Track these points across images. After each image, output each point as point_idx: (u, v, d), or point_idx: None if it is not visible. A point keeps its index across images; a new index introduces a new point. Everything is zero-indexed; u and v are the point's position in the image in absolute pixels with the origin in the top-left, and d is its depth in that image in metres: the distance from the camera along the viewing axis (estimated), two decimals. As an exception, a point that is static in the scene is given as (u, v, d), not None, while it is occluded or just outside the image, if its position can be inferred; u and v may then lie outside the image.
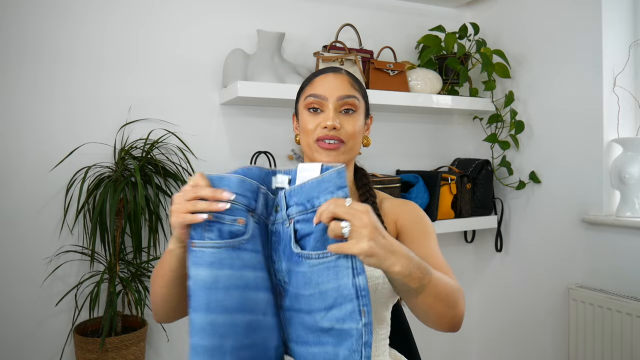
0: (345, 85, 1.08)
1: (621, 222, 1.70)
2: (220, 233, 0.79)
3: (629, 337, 1.63)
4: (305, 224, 0.80)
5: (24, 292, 1.52)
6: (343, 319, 0.77)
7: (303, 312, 0.81)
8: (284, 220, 0.83)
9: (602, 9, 1.76)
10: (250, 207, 0.81)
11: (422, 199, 1.89)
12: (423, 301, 0.85)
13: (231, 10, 1.81)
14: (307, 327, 0.81)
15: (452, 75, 2.04)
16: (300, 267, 0.80)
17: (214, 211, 0.78)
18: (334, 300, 0.78)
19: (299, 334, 0.82)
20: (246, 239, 0.80)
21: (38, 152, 1.53)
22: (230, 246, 0.79)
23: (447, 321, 0.91)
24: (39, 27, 1.54)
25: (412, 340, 1.27)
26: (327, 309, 0.78)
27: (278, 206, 0.83)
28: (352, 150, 1.08)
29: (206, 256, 0.78)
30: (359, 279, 0.77)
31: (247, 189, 0.81)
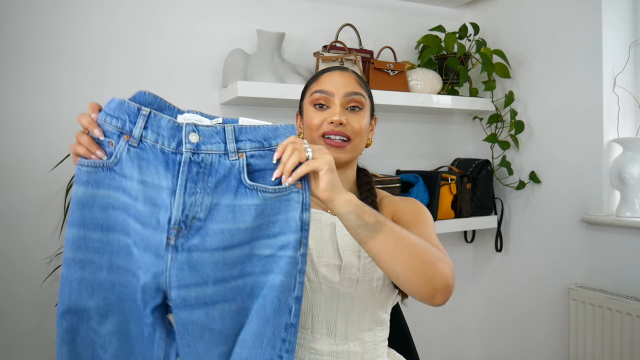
0: (352, 82, 1.08)
1: (621, 222, 1.70)
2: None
3: (629, 337, 1.64)
4: (260, 159, 0.83)
5: (23, 292, 1.52)
6: (285, 247, 0.82)
7: (229, 248, 0.81)
8: (227, 153, 0.82)
9: (602, 9, 1.76)
10: (123, 131, 0.81)
11: (422, 199, 1.89)
12: (384, 245, 0.83)
13: (231, 10, 1.81)
14: (230, 262, 0.81)
15: (452, 75, 2.04)
16: (246, 200, 0.82)
17: (80, 151, 0.81)
18: (280, 229, 0.83)
19: (208, 274, 0.80)
20: (112, 161, 0.81)
21: (38, 152, 1.53)
22: (101, 167, 0.82)
23: (424, 279, 0.84)
24: (40, 27, 1.54)
25: (410, 340, 1.27)
26: (271, 236, 0.83)
27: (200, 137, 0.81)
28: (357, 149, 1.08)
29: (83, 175, 0.82)
30: (305, 214, 0.83)
31: (123, 111, 0.81)
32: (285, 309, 0.81)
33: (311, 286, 0.97)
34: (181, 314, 0.80)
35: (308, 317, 0.99)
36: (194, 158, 0.81)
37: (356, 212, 0.83)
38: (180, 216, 0.80)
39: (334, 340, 1.00)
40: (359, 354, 1.01)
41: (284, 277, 0.81)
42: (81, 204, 0.82)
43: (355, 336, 1.01)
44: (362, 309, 1.02)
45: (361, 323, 1.02)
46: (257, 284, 0.82)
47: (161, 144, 0.81)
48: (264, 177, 0.83)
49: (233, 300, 0.82)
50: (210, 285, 0.80)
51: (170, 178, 0.80)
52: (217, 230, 0.81)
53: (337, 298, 0.99)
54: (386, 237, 0.83)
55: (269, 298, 0.81)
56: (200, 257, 0.80)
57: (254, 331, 0.81)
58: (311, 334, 0.99)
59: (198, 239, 0.80)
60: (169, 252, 0.79)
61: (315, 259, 0.98)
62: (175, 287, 0.79)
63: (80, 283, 0.81)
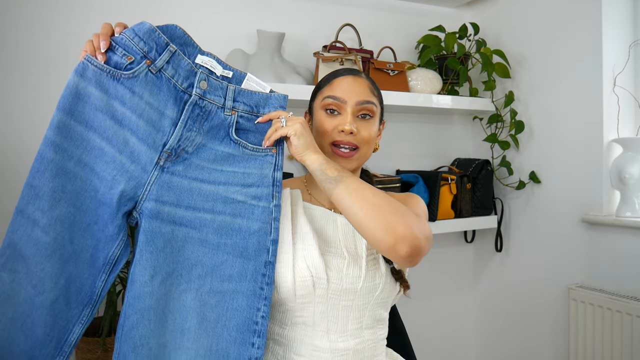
0: (365, 90, 1.08)
1: (621, 222, 1.70)
2: (108, 59, 0.91)
3: (629, 337, 1.64)
4: (247, 122, 1.00)
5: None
6: (259, 198, 0.97)
7: (205, 182, 0.95)
8: (223, 108, 0.98)
9: (602, 8, 1.76)
10: (148, 56, 0.93)
11: (422, 199, 1.89)
12: (345, 194, 0.93)
13: (231, 10, 1.81)
14: (206, 194, 0.95)
15: (452, 75, 2.04)
16: (228, 149, 0.98)
17: (96, 47, 0.90)
18: (253, 181, 0.97)
19: (182, 198, 0.93)
20: (127, 75, 0.91)
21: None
22: (108, 73, 0.91)
23: (383, 227, 0.89)
24: (40, 27, 1.54)
25: (407, 340, 1.27)
26: (245, 185, 0.97)
27: (208, 86, 0.96)
28: (365, 157, 1.09)
29: (88, 71, 0.90)
30: (277, 173, 0.99)
31: (153, 39, 0.93)
32: (264, 249, 0.96)
33: (313, 282, 0.97)
34: (151, 224, 0.91)
35: (309, 313, 0.99)
36: (199, 102, 0.96)
37: (321, 168, 0.95)
38: (175, 145, 0.94)
39: (335, 337, 1.00)
40: (359, 352, 1.01)
41: (262, 223, 0.96)
42: (76, 94, 0.90)
43: (356, 334, 1.02)
44: (364, 306, 1.02)
45: (362, 321, 1.02)
46: (224, 223, 0.95)
47: (176, 80, 0.95)
48: (247, 135, 1.00)
49: (198, 229, 0.94)
50: (182, 208, 0.94)
51: (176, 111, 0.94)
52: (198, 165, 0.96)
53: (339, 295, 0.99)
54: (346, 187, 0.93)
55: (250, 241, 0.95)
56: (179, 182, 0.94)
57: (238, 268, 0.95)
58: (312, 330, 1.00)
59: (182, 167, 0.95)
60: (156, 170, 0.93)
61: (318, 255, 0.98)
62: (153, 200, 0.92)
63: (48, 163, 0.89)
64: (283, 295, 0.98)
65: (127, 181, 0.91)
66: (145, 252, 0.91)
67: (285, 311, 1.01)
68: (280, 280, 0.97)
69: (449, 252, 2.28)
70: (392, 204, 0.92)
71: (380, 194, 0.95)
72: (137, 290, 0.90)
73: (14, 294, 0.89)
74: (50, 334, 0.90)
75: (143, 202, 0.92)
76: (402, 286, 1.07)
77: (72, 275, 0.91)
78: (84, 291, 0.93)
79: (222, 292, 0.94)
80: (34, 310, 0.89)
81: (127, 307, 0.91)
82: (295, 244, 1.00)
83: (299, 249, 0.99)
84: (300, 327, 1.00)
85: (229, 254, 0.95)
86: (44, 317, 0.89)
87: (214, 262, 0.94)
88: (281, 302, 0.99)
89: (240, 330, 0.94)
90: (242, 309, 0.94)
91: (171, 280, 0.92)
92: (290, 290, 0.96)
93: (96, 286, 0.93)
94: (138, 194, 0.92)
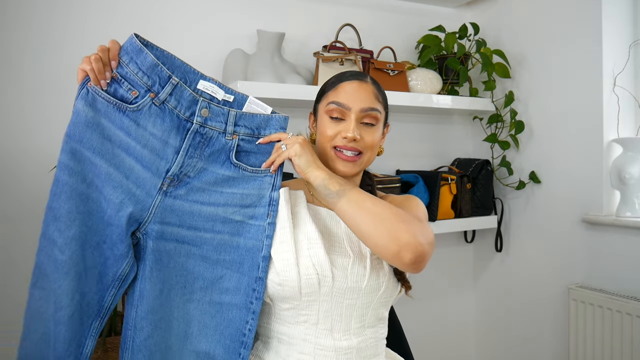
0: (369, 96, 1.08)
1: (621, 222, 1.70)
2: (115, 92, 0.96)
3: (629, 337, 1.64)
4: (248, 144, 1.04)
5: (24, 293, 1.52)
6: (255, 217, 1.02)
7: (206, 204, 1.01)
8: (224, 133, 1.02)
9: (602, 9, 1.76)
10: (151, 89, 0.97)
11: (422, 199, 1.88)
12: (347, 207, 0.96)
13: (231, 10, 1.81)
14: (206, 215, 1.01)
15: (452, 75, 2.04)
16: (228, 172, 1.02)
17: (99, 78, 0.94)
18: (251, 202, 1.03)
19: (184, 220, 1.00)
20: (132, 108, 0.97)
21: (38, 152, 1.53)
22: (115, 105, 0.96)
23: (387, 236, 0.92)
24: (38, 27, 1.54)
25: (404, 339, 1.27)
26: (244, 206, 1.03)
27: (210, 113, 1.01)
28: (368, 162, 1.10)
29: (97, 102, 0.95)
30: (274, 193, 1.04)
31: (156, 73, 0.97)
32: (256, 265, 1.01)
33: (319, 280, 0.97)
34: (158, 244, 0.98)
35: (314, 312, 1.00)
36: (200, 130, 1.01)
37: (324, 184, 0.98)
38: (177, 171, 1.00)
39: (339, 335, 1.01)
40: (361, 350, 1.02)
41: (255, 241, 1.02)
42: (85, 123, 0.95)
43: (358, 332, 1.02)
44: (367, 305, 1.02)
45: (365, 319, 1.03)
46: (223, 241, 1.02)
47: (178, 110, 0.99)
48: (248, 157, 1.04)
49: (200, 246, 1.01)
50: (184, 229, 1.00)
51: (179, 140, 1.00)
52: (199, 188, 1.01)
53: (343, 293, 1.00)
54: (348, 200, 0.96)
55: (245, 257, 1.01)
56: (181, 205, 1.00)
57: (234, 283, 1.01)
58: (316, 329, 1.00)
59: (184, 190, 1.00)
60: (159, 195, 0.99)
61: (323, 254, 0.99)
62: (157, 222, 0.98)
63: (63, 186, 0.95)
64: (289, 293, 0.98)
65: (135, 205, 0.97)
66: (155, 269, 0.98)
67: (290, 310, 1.01)
68: (286, 278, 0.97)
69: (449, 252, 2.28)
70: (395, 212, 0.94)
71: (382, 203, 0.97)
72: (150, 304, 0.97)
73: (43, 311, 0.96)
74: (69, 348, 0.95)
75: (148, 224, 0.98)
76: (404, 286, 1.08)
77: (84, 291, 0.97)
78: (93, 306, 0.98)
79: (221, 304, 1.01)
80: (56, 325, 0.95)
81: (139, 320, 0.97)
82: (301, 242, 1.00)
83: (304, 247, 0.99)
84: (304, 325, 1.01)
85: (228, 269, 1.02)
86: (63, 332, 0.94)
87: (214, 276, 1.02)
88: (286, 300, 1.00)
89: (233, 339, 1.01)
90: (235, 320, 1.01)
91: (176, 291, 1.00)
92: (295, 288, 0.97)
93: (105, 300, 0.98)
94: (143, 216, 0.98)
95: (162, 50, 1.00)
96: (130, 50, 0.97)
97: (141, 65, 0.97)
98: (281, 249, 0.99)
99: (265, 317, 1.06)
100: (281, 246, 0.99)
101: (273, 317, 1.04)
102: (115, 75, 0.96)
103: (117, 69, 0.96)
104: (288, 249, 0.99)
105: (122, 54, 0.97)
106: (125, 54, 0.97)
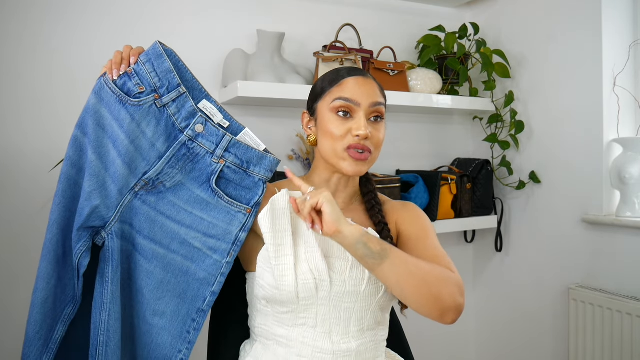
0: (375, 91, 1.05)
1: (621, 222, 1.70)
2: (123, 85, 0.97)
3: (629, 337, 1.64)
4: (233, 174, 1.01)
5: (24, 293, 1.52)
6: (215, 250, 0.99)
7: (171, 220, 0.99)
8: (212, 154, 1.00)
9: (602, 9, 1.76)
10: (157, 90, 0.98)
11: (422, 199, 1.89)
12: (391, 271, 0.90)
13: (231, 10, 1.81)
14: (167, 231, 0.98)
15: (452, 75, 2.04)
16: (204, 195, 1.00)
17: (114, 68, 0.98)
18: (216, 233, 0.99)
19: (143, 227, 0.98)
20: (133, 102, 0.97)
21: (38, 152, 1.53)
22: (118, 97, 0.97)
23: (432, 301, 0.91)
24: (34, 26, 1.54)
25: (404, 338, 1.27)
26: (206, 235, 0.99)
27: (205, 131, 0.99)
28: (375, 160, 1.07)
29: (103, 91, 0.97)
30: (242, 233, 1.00)
31: (167, 79, 0.99)
32: (201, 297, 0.99)
33: (316, 285, 0.97)
34: (116, 241, 0.97)
35: (312, 315, 0.99)
36: (188, 143, 0.99)
37: (363, 242, 0.90)
38: (154, 177, 0.98)
39: (337, 338, 1.00)
40: (361, 353, 1.01)
41: (208, 274, 0.99)
42: (87, 109, 0.97)
43: (358, 335, 1.01)
44: (366, 309, 1.02)
45: (364, 322, 1.02)
46: (174, 262, 0.99)
47: (176, 118, 0.99)
48: (227, 186, 1.01)
49: (149, 260, 0.98)
50: (141, 237, 0.98)
51: (166, 147, 0.98)
52: (171, 201, 0.99)
53: (342, 297, 0.99)
54: (391, 263, 0.90)
55: (191, 286, 0.99)
56: (147, 211, 0.98)
57: (173, 307, 0.99)
58: (314, 332, 1.00)
59: (154, 198, 0.99)
60: (130, 194, 0.97)
61: (321, 258, 0.98)
62: (121, 221, 0.97)
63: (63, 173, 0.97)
64: (286, 297, 0.97)
65: (103, 199, 0.96)
66: (107, 266, 0.97)
67: (288, 313, 1.00)
68: (283, 283, 0.96)
69: (449, 252, 2.24)
70: (436, 275, 0.93)
71: (422, 264, 0.93)
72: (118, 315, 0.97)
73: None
74: (40, 332, 0.95)
75: (114, 224, 0.97)
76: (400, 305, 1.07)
77: (61, 275, 0.97)
78: (68, 291, 0.98)
79: (152, 325, 0.99)
80: (31, 308, 0.95)
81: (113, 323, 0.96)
82: (298, 246, 0.98)
83: (302, 252, 0.98)
84: (302, 328, 1.00)
85: (169, 291, 0.99)
86: (34, 315, 0.94)
87: (153, 296, 0.99)
88: (283, 304, 0.99)
89: None
90: (164, 346, 0.99)
91: (124, 294, 1.00)
92: (292, 293, 0.96)
93: (79, 288, 0.98)
94: (110, 215, 0.97)
95: (179, 60, 1.02)
96: (151, 53, 0.99)
97: (157, 68, 0.99)
98: (280, 252, 0.97)
99: (263, 319, 1.05)
100: (280, 249, 0.97)
101: (271, 319, 1.03)
102: (129, 70, 0.98)
103: (133, 66, 0.99)
104: (287, 252, 0.97)
105: (142, 55, 1.00)
106: (145, 55, 1.00)
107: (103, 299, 0.96)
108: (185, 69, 1.02)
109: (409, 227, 1.08)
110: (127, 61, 0.99)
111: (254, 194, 1.02)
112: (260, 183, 1.02)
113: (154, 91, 0.98)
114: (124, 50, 1.00)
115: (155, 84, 0.98)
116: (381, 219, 1.08)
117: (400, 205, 1.14)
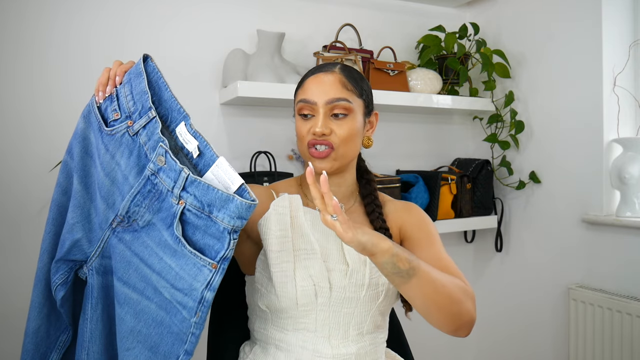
0: (335, 87, 1.01)
1: (621, 222, 1.70)
2: (105, 109, 0.91)
3: (629, 337, 1.64)
4: (196, 219, 0.82)
5: (24, 293, 1.52)
6: (183, 305, 0.83)
7: (143, 263, 0.86)
8: (172, 192, 0.83)
9: (602, 8, 1.76)
10: (131, 116, 0.88)
11: (422, 199, 1.89)
12: (418, 289, 0.88)
13: (231, 10, 1.81)
14: (142, 274, 0.86)
15: (452, 75, 2.04)
16: (170, 240, 0.84)
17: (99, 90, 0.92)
18: (182, 287, 0.83)
19: (119, 267, 0.88)
20: (107, 131, 0.90)
21: (38, 152, 1.53)
22: (98, 123, 0.91)
23: (452, 318, 0.90)
24: (31, 26, 1.54)
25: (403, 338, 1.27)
26: (174, 287, 0.83)
27: (166, 163, 0.84)
28: (345, 156, 1.03)
29: (90, 113, 0.92)
30: (208, 293, 0.81)
31: (141, 102, 0.87)
32: (174, 355, 0.85)
33: (315, 291, 0.96)
34: (96, 278, 0.92)
35: (311, 320, 0.99)
36: (152, 178, 0.86)
37: (392, 261, 0.86)
38: (124, 214, 0.88)
39: (337, 342, 0.99)
40: (360, 357, 1.01)
41: (179, 330, 0.84)
42: (77, 135, 0.92)
43: (357, 339, 1.01)
44: (365, 314, 1.01)
45: (363, 327, 1.02)
46: (148, 309, 0.86)
47: (147, 148, 0.87)
48: (194, 232, 0.83)
49: (121, 305, 0.88)
50: (114, 278, 0.89)
51: (137, 181, 0.87)
52: (144, 242, 0.86)
53: (341, 302, 0.98)
54: (418, 282, 0.88)
55: (165, 339, 0.85)
56: (123, 251, 0.88)
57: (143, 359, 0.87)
58: (314, 336, 0.99)
59: (130, 237, 0.88)
60: (108, 230, 0.90)
61: (320, 264, 0.97)
62: (102, 256, 0.91)
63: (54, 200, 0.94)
64: (285, 304, 0.96)
65: (85, 233, 0.91)
66: (105, 306, 0.94)
67: (287, 317, 1.00)
68: (282, 290, 0.95)
69: (449, 252, 2.24)
70: (457, 291, 0.92)
71: (445, 281, 0.91)
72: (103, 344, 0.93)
73: None
74: None
75: (95, 259, 0.92)
76: (405, 307, 1.07)
77: (53, 303, 0.94)
78: (62, 319, 0.95)
79: None
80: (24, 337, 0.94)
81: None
82: (298, 252, 0.98)
83: (302, 257, 0.97)
84: (302, 332, 0.99)
85: (140, 342, 0.86)
86: (26, 344, 0.93)
87: (122, 345, 0.88)
88: (283, 309, 0.98)
89: None
90: None
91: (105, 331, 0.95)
92: (292, 299, 0.95)
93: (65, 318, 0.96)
94: (92, 248, 0.92)
95: (160, 77, 0.89)
96: (133, 72, 0.89)
97: (134, 89, 0.88)
98: (279, 259, 0.96)
99: (263, 323, 1.04)
100: (279, 255, 0.96)
101: (270, 324, 1.02)
102: (113, 92, 0.90)
103: (118, 87, 0.90)
104: (286, 259, 0.96)
105: (126, 75, 0.91)
106: (127, 75, 0.90)
107: (84, 336, 0.92)
108: (164, 87, 0.88)
109: (415, 233, 1.08)
110: (113, 81, 0.91)
111: (221, 246, 0.81)
112: (226, 233, 0.81)
113: (127, 117, 0.88)
114: (112, 68, 0.92)
115: (129, 109, 0.88)
116: (382, 224, 1.06)
117: (403, 208, 1.13)
